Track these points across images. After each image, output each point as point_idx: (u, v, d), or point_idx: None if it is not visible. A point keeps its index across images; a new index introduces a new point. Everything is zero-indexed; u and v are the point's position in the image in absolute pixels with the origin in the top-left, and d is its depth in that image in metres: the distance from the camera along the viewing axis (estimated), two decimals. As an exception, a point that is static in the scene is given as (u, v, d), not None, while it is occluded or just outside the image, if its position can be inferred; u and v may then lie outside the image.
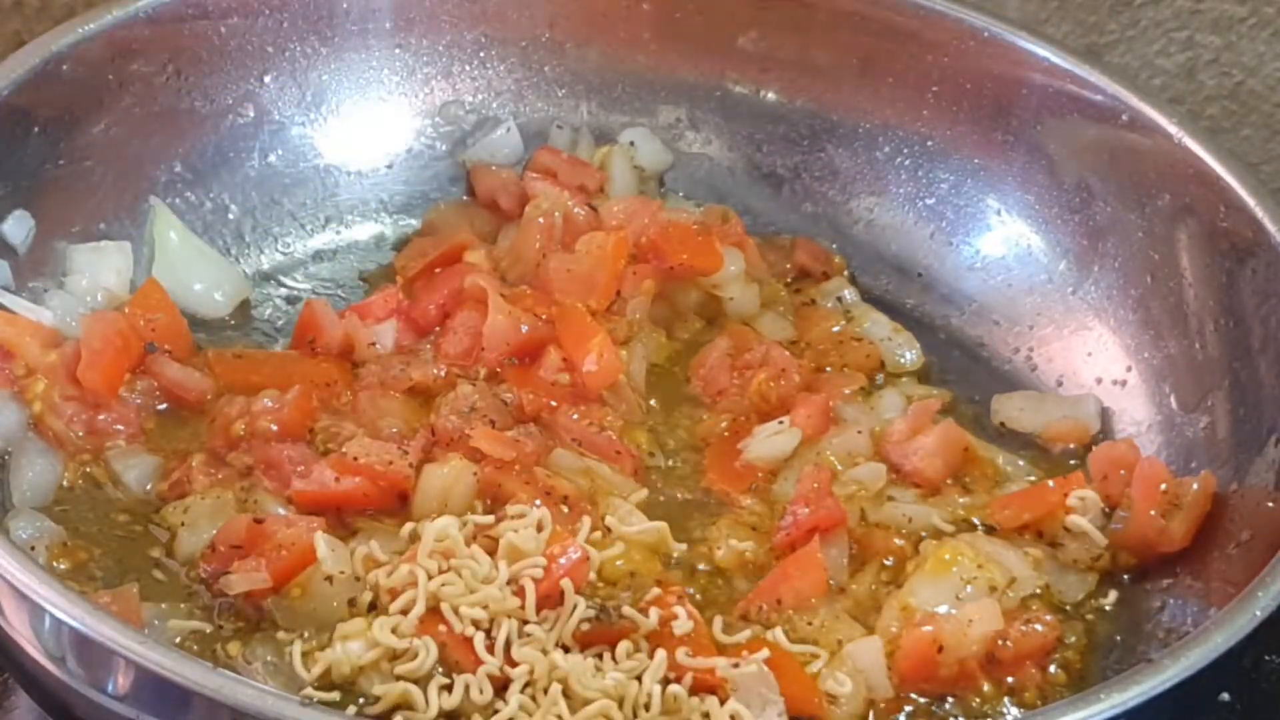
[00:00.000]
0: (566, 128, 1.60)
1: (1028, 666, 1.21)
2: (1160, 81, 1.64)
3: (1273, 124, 1.64)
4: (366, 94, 1.56)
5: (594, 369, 1.36)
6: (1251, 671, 1.17)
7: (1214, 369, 1.37)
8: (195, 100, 1.47)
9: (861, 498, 1.32)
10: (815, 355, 1.45)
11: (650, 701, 1.13)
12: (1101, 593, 1.29)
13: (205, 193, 1.49)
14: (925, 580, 1.24)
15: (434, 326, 1.41)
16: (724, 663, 1.15)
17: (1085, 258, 1.49)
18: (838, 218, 1.59)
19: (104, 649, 1.02)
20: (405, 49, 1.56)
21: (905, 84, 1.55)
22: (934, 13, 1.52)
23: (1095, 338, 1.47)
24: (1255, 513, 1.26)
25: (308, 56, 1.52)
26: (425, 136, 1.59)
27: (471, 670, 1.14)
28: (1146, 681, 1.05)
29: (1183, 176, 1.41)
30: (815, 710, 1.17)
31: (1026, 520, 1.30)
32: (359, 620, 1.17)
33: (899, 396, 1.43)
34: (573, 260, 1.43)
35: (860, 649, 1.20)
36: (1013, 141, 1.52)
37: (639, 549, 1.25)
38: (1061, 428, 1.42)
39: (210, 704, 1.00)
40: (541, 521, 1.22)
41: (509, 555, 1.19)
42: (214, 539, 1.22)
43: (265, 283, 1.50)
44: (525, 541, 1.20)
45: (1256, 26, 1.60)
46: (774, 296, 1.51)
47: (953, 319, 1.53)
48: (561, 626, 1.17)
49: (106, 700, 1.05)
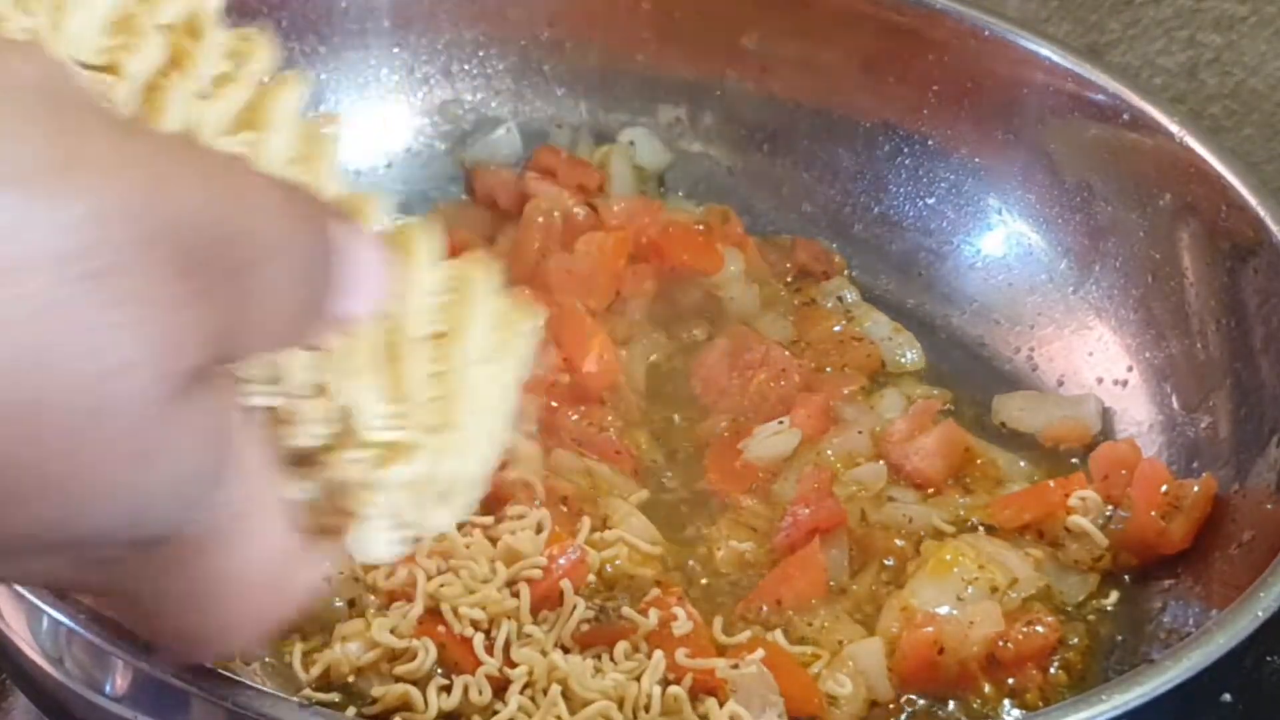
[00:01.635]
0: (566, 127, 1.60)
1: (1029, 667, 1.21)
2: (1161, 81, 1.64)
3: (1274, 123, 1.63)
4: (365, 93, 1.55)
5: (594, 369, 1.36)
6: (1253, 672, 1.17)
7: (1216, 369, 1.37)
8: (194, 99, 1.47)
9: (862, 498, 1.32)
10: (815, 355, 1.45)
11: (650, 702, 1.13)
12: (1103, 593, 1.29)
13: (204, 192, 1.48)
14: (926, 581, 1.24)
15: (433, 326, 1.41)
16: (724, 663, 1.15)
17: (1086, 257, 1.49)
18: (838, 218, 1.59)
19: (102, 650, 1.02)
20: (404, 48, 1.56)
21: (906, 83, 1.55)
22: (934, 12, 1.52)
23: (1096, 337, 1.47)
24: (1257, 513, 1.26)
25: (306, 56, 1.52)
26: (424, 136, 1.58)
27: (471, 671, 1.14)
28: (1148, 682, 1.04)
29: (1184, 176, 1.41)
30: (815, 711, 1.17)
31: (1027, 520, 1.30)
32: (358, 621, 1.17)
33: (899, 396, 1.43)
34: (572, 260, 1.43)
35: (861, 650, 1.20)
36: (1014, 141, 1.52)
37: (638, 550, 1.25)
38: (1062, 428, 1.42)
39: (208, 705, 0.99)
40: (541, 522, 1.22)
41: (505, 556, 1.19)
42: (212, 539, 1.22)
43: (264, 282, 1.49)
44: (523, 543, 1.19)
45: (1258, 25, 1.60)
46: (774, 296, 1.50)
47: (953, 318, 1.53)
48: (561, 627, 1.16)
49: (104, 701, 1.04)
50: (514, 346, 0.79)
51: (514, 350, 0.79)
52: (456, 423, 0.74)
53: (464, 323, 0.76)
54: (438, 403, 0.74)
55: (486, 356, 0.77)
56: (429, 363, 0.74)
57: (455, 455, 0.74)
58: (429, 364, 0.74)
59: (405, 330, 0.74)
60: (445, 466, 0.74)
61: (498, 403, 0.78)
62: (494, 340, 0.78)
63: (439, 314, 0.76)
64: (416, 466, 0.73)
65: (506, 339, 0.79)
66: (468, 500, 0.77)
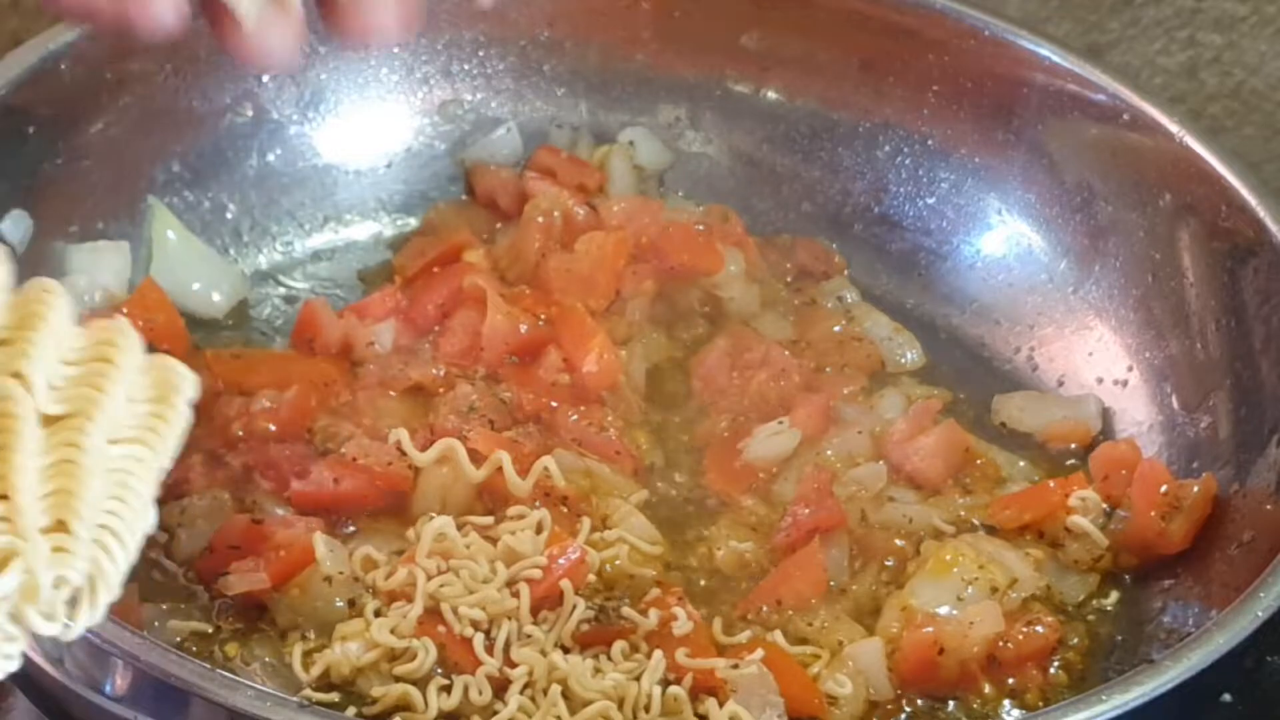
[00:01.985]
0: (566, 127, 1.60)
1: (1029, 668, 1.21)
2: (1161, 80, 1.64)
3: (1274, 123, 1.63)
4: (365, 93, 1.55)
5: (595, 369, 1.36)
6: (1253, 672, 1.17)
7: (1216, 369, 1.37)
8: (193, 100, 1.47)
9: (862, 498, 1.32)
10: (815, 355, 1.45)
11: (650, 702, 1.13)
12: (1103, 593, 1.29)
13: (203, 192, 1.49)
14: (926, 581, 1.24)
15: (433, 326, 1.41)
16: (724, 663, 1.15)
17: (1086, 257, 1.48)
18: (838, 218, 1.58)
19: (101, 650, 1.02)
20: (404, 48, 1.56)
21: (906, 83, 1.55)
22: (934, 11, 1.52)
23: (1096, 337, 1.47)
24: (1257, 513, 1.26)
25: (306, 55, 1.52)
26: (424, 136, 1.58)
27: (471, 671, 1.14)
28: (1148, 682, 1.04)
29: (1184, 176, 1.41)
30: (815, 711, 1.17)
31: (1027, 521, 1.30)
32: (358, 621, 1.17)
33: (899, 396, 1.43)
34: (572, 260, 1.43)
35: (861, 650, 1.20)
36: (1014, 140, 1.52)
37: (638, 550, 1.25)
38: (1062, 428, 1.42)
39: (208, 705, 0.99)
40: (541, 522, 1.22)
41: (505, 556, 1.19)
42: (212, 540, 1.22)
43: (263, 282, 1.49)
44: (523, 543, 1.19)
45: (1258, 25, 1.60)
46: (774, 296, 1.50)
47: (953, 319, 1.53)
48: (561, 627, 1.16)
49: (104, 701, 1.04)
50: (166, 426, 0.71)
51: (164, 433, 0.71)
52: (72, 521, 0.66)
53: (95, 399, 0.67)
54: (54, 498, 0.66)
55: (127, 434, 0.69)
56: (44, 453, 0.66)
57: (71, 560, 0.66)
58: (44, 454, 0.66)
59: (16, 414, 0.65)
60: (58, 573, 0.66)
61: (140, 487, 0.70)
62: (139, 414, 0.70)
63: (68, 390, 0.68)
64: (9, 578, 0.65)
65: (159, 409, 0.71)
66: (107, 599, 0.69)
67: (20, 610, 0.66)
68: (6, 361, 0.66)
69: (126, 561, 0.70)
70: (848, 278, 1.55)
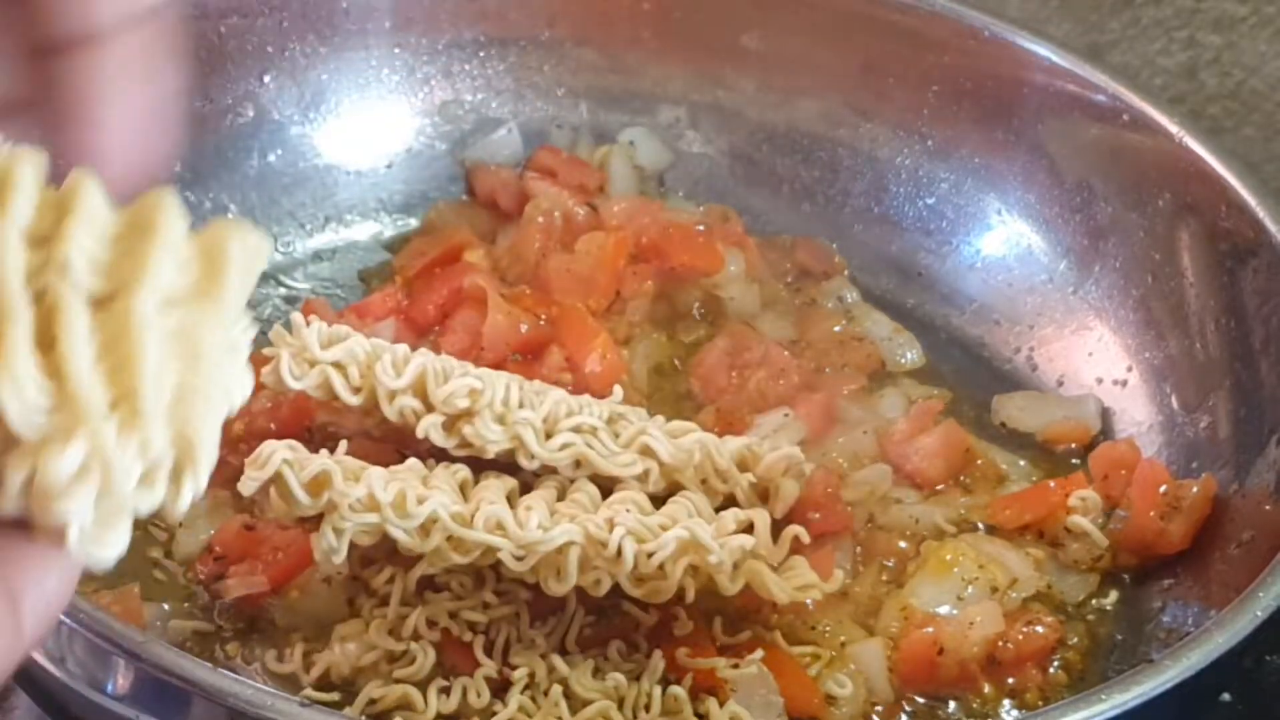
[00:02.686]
0: (566, 127, 1.60)
1: (1029, 667, 1.21)
2: (1161, 81, 1.64)
3: (1274, 123, 1.63)
4: (366, 93, 1.56)
5: (598, 369, 1.36)
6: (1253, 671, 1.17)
7: (1215, 369, 1.37)
8: (194, 100, 1.47)
9: (870, 501, 1.31)
10: (815, 355, 1.45)
11: (650, 702, 1.13)
12: (1103, 593, 1.29)
13: (204, 192, 1.49)
14: (926, 581, 1.24)
15: (433, 326, 1.41)
16: (724, 663, 1.15)
17: (1086, 257, 1.49)
18: (838, 218, 1.59)
19: (103, 649, 1.02)
20: (404, 48, 1.56)
21: (906, 83, 1.55)
22: (935, 12, 1.52)
23: (1096, 337, 1.47)
24: (1256, 513, 1.26)
25: (307, 56, 1.52)
26: (425, 136, 1.59)
27: (469, 673, 1.14)
28: (1148, 682, 1.04)
29: (1184, 176, 1.41)
30: (815, 711, 1.17)
31: (1027, 520, 1.30)
32: (356, 622, 1.17)
33: (900, 396, 1.43)
34: (573, 260, 1.43)
35: (861, 650, 1.20)
36: (1014, 141, 1.52)
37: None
38: (1062, 428, 1.42)
39: (209, 704, 0.99)
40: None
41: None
42: (209, 544, 1.22)
43: (264, 282, 1.49)
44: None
45: (1258, 26, 1.60)
46: (774, 296, 1.50)
47: (953, 319, 1.53)
48: (561, 629, 1.16)
49: (106, 700, 1.04)
50: (220, 278, 0.67)
51: (220, 283, 0.67)
52: (137, 390, 0.63)
53: (140, 267, 0.65)
54: (111, 374, 0.63)
55: (176, 301, 0.65)
56: (93, 333, 0.63)
57: (145, 426, 0.63)
58: (93, 335, 0.63)
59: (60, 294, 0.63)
60: (133, 440, 0.63)
61: (204, 350, 0.65)
62: (189, 280, 0.66)
63: (112, 265, 0.65)
64: (73, 453, 0.62)
65: (210, 271, 0.67)
66: (207, 462, 0.65)
67: (110, 487, 0.63)
68: (51, 254, 0.64)
69: (216, 420, 0.65)
70: (848, 278, 1.55)
